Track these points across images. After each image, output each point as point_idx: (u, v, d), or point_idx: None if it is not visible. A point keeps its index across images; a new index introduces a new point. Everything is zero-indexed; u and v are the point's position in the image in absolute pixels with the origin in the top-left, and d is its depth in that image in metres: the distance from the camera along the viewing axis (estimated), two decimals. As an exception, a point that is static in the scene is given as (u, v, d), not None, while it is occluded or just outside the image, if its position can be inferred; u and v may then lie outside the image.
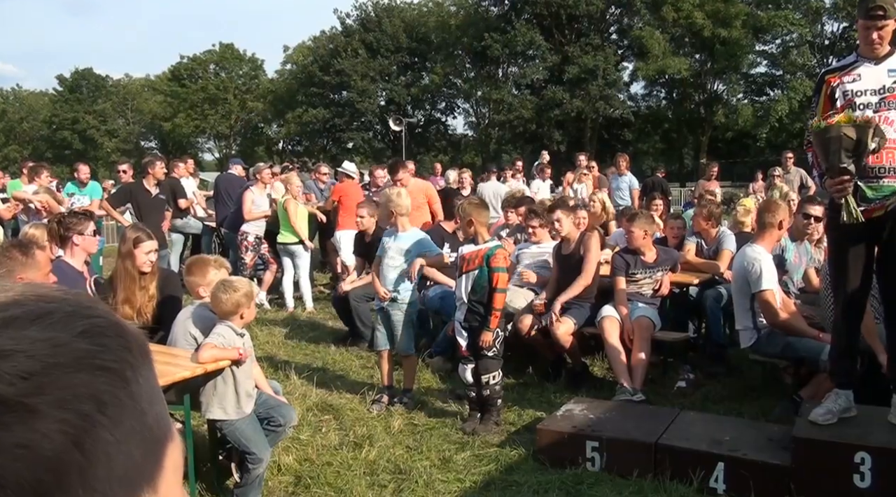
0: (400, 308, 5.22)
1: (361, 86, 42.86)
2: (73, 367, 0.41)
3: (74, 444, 0.39)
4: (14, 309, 0.41)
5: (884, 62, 3.57)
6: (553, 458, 4.11)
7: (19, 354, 0.39)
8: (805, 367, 4.82)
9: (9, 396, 0.38)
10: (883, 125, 3.50)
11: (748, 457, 3.75)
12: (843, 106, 3.63)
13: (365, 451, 4.34)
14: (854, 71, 3.64)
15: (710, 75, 38.88)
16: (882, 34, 3.55)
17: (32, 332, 0.41)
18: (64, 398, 0.39)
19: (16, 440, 0.37)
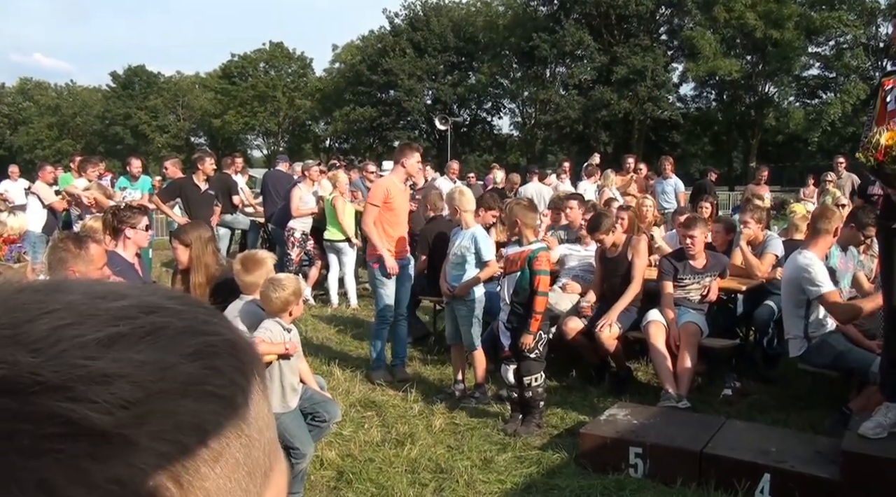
0: (465, 304, 5.35)
1: (408, 85, 43.10)
2: (179, 394, 0.37)
3: (172, 479, 0.36)
4: (122, 325, 0.38)
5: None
6: (595, 462, 4.09)
7: (122, 380, 0.36)
8: (852, 378, 4.71)
9: (106, 427, 0.34)
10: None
11: (795, 469, 3.68)
12: (894, 110, 3.56)
13: (407, 449, 4.37)
14: None
15: (762, 77, 38.18)
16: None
17: (139, 353, 0.37)
18: (165, 429, 0.36)
19: (110, 475, 0.34)
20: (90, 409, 0.34)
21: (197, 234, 4.53)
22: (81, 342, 0.37)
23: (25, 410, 0.34)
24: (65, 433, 0.34)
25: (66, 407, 0.34)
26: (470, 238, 5.41)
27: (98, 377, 0.36)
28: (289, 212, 9.15)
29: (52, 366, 0.35)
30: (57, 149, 54.41)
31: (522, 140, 45.86)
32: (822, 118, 34.76)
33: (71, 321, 0.37)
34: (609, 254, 5.88)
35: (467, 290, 5.38)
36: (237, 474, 0.39)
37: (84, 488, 0.33)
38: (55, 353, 0.36)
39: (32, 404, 0.34)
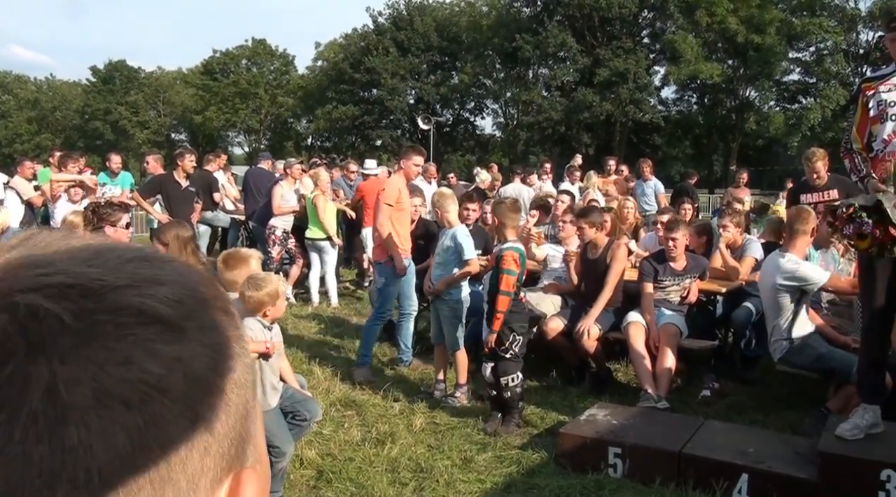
0: (447, 304, 5.35)
1: (391, 84, 43.01)
2: (206, 304, 0.46)
3: (212, 369, 0.44)
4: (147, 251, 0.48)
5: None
6: (575, 462, 4.10)
7: (171, 283, 0.45)
8: (831, 379, 4.76)
9: (168, 316, 0.43)
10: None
11: (773, 469, 3.71)
12: (875, 116, 3.60)
13: (387, 448, 4.36)
14: (890, 80, 3.62)
15: (743, 81, 38.46)
16: (891, 47, 3.60)
17: (170, 270, 0.47)
18: (206, 327, 0.45)
19: (174, 354, 0.42)
20: (155, 300, 0.43)
21: (175, 234, 4.49)
22: (124, 259, 0.45)
23: (102, 306, 0.41)
24: (137, 321, 0.42)
25: (135, 300, 0.42)
26: (451, 237, 5.42)
27: (152, 279, 0.44)
28: (270, 210, 9.11)
29: (112, 273, 0.43)
30: (36, 143, 53.76)
31: (505, 141, 45.91)
32: (802, 123, 35.05)
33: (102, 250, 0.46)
34: (590, 254, 5.91)
35: (446, 286, 5.38)
36: (248, 375, 0.48)
37: (157, 363, 0.41)
38: (110, 266, 0.44)
39: (107, 300, 0.42)
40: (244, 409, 0.47)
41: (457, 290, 5.41)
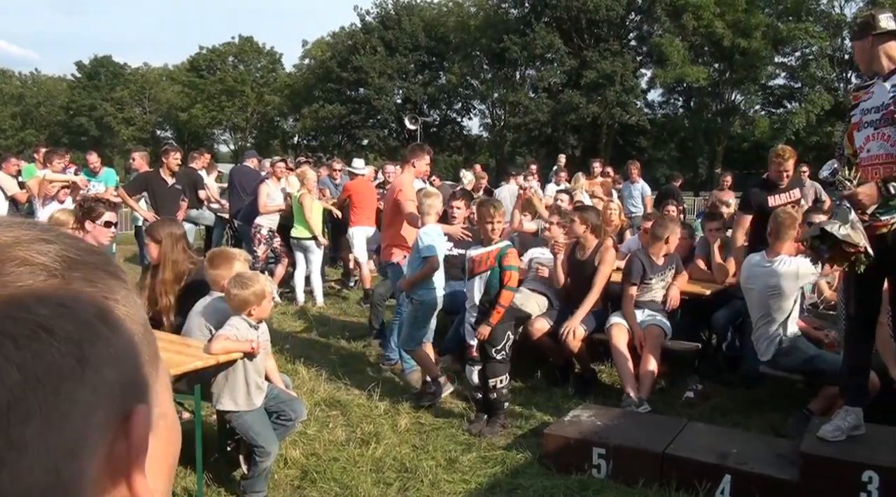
0: (411, 302, 5.35)
1: (378, 83, 42.99)
2: (96, 265, 0.51)
3: (99, 317, 0.48)
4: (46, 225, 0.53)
5: (890, 78, 3.57)
6: (559, 463, 4.11)
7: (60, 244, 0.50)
8: (819, 381, 4.78)
9: (53, 268, 0.48)
10: (879, 141, 3.53)
11: (755, 470, 3.74)
12: (855, 123, 3.66)
13: (371, 449, 4.35)
14: (871, 89, 3.67)
15: (729, 85, 38.75)
16: (855, 55, 3.74)
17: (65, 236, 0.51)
18: (91, 279, 0.50)
19: (59, 300, 0.47)
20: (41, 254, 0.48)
21: (168, 231, 4.48)
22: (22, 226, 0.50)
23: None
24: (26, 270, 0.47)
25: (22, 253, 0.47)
26: (420, 236, 5.42)
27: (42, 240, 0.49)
28: (255, 208, 9.07)
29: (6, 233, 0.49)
30: (20, 139, 53.31)
31: (492, 141, 45.98)
32: (787, 127, 35.34)
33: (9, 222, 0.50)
34: (578, 255, 5.92)
35: (410, 286, 5.38)
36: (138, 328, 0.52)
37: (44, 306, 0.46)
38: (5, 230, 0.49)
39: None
40: (134, 357, 0.51)
41: (424, 289, 5.33)
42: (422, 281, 5.32)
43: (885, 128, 3.51)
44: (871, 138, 3.57)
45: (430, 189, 5.84)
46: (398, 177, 6.79)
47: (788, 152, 5.96)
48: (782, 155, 5.92)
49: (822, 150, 31.17)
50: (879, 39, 3.58)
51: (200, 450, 3.66)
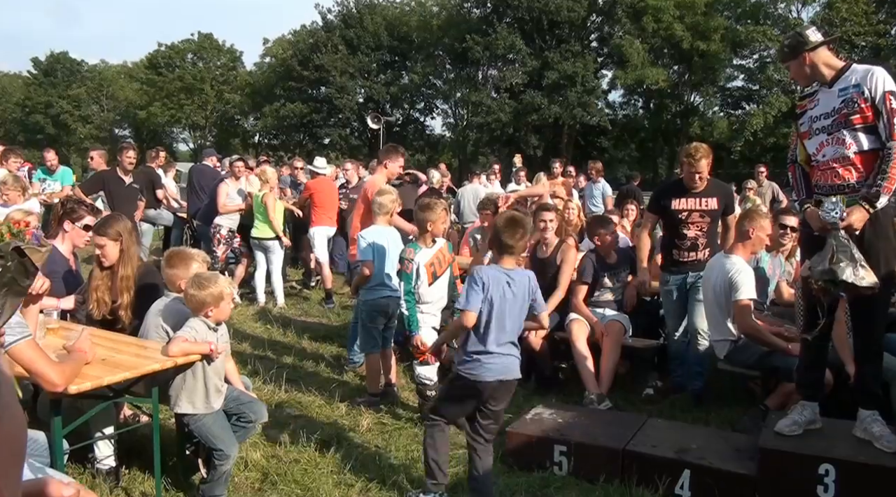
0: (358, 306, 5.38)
1: (340, 82, 42.78)
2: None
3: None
4: None
5: (836, 84, 3.67)
6: (521, 461, 4.12)
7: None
8: (777, 378, 4.86)
9: None
10: (834, 146, 3.62)
11: (714, 465, 3.78)
12: (805, 132, 3.76)
13: (333, 450, 4.32)
14: (816, 97, 3.78)
15: (688, 87, 39.35)
16: (793, 74, 3.82)
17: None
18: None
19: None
20: None
21: (123, 226, 4.40)
22: None
23: None
24: None
25: None
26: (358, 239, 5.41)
27: None
28: (215, 208, 8.95)
29: None
30: (-26, 137, 52.01)
31: (454, 141, 46.06)
32: (745, 128, 36.02)
33: None
34: (540, 254, 5.96)
35: (353, 289, 5.38)
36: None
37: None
38: None
39: None
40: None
41: (366, 291, 5.28)
42: (362, 284, 5.29)
43: (838, 132, 3.60)
44: (826, 144, 3.66)
45: (384, 187, 5.79)
46: (370, 177, 6.69)
47: (702, 152, 5.26)
48: (693, 155, 5.24)
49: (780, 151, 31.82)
50: (814, 53, 3.69)
51: (158, 454, 3.59)
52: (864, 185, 3.52)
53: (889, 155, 3.45)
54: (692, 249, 5.35)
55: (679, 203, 5.32)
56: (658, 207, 5.53)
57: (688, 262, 5.37)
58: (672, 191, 5.46)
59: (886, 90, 3.49)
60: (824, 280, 3.43)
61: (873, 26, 34.24)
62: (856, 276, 3.36)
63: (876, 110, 3.50)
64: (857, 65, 3.68)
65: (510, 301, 3.50)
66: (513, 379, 3.60)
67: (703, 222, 5.32)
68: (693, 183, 5.28)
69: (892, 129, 3.45)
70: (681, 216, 5.33)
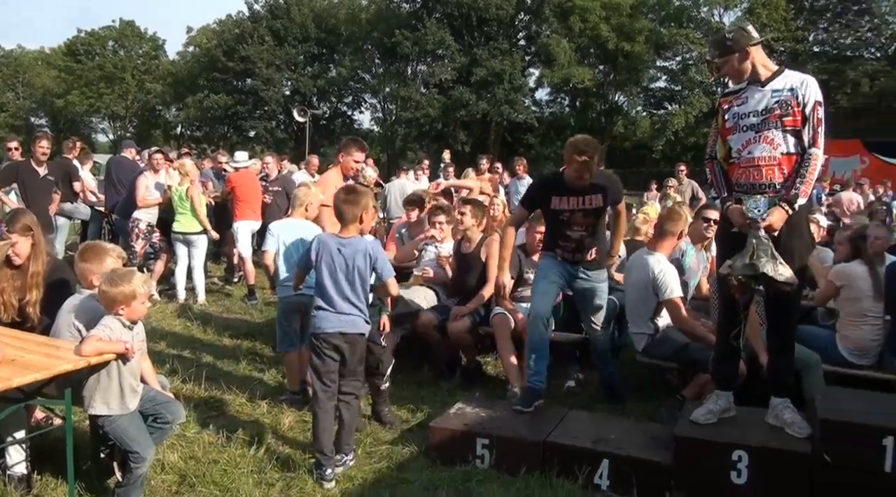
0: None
1: (266, 74, 42.02)
2: None
3: None
4: None
5: (769, 84, 3.78)
6: (444, 455, 4.14)
7: None
8: (693, 370, 5.02)
9: None
10: (762, 144, 3.73)
11: (632, 455, 3.88)
12: (730, 127, 3.85)
13: (253, 449, 4.24)
14: (743, 95, 3.86)
15: (613, 86, 40.16)
16: (724, 70, 3.87)
17: None
18: None
19: None
20: None
21: (31, 219, 4.24)
22: None
23: None
24: None
25: None
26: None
27: None
28: (133, 201, 8.68)
29: None
30: None
31: (383, 136, 45.85)
32: (667, 128, 37.00)
33: None
34: (463, 249, 5.99)
35: (273, 286, 5.33)
36: None
37: None
38: None
39: None
40: None
41: (280, 288, 5.19)
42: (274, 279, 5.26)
43: (768, 131, 3.72)
44: (752, 141, 3.76)
45: (306, 182, 5.71)
46: (325, 174, 6.45)
47: (592, 147, 4.63)
48: (584, 150, 4.60)
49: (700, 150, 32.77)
50: (755, 49, 3.79)
51: (72, 457, 3.45)
52: (785, 187, 3.68)
53: (809, 160, 3.64)
54: (577, 251, 4.88)
55: (560, 202, 4.77)
56: (535, 204, 5.01)
57: (572, 262, 4.94)
58: (552, 188, 4.84)
59: (816, 100, 3.67)
60: (744, 275, 3.55)
61: (792, 32, 35.61)
62: (775, 271, 3.50)
63: (804, 117, 3.66)
64: (790, 70, 3.82)
65: (340, 264, 4.01)
66: (354, 333, 4.05)
67: (588, 222, 4.81)
68: (578, 181, 4.68)
69: (816, 137, 3.65)
70: (563, 217, 4.79)
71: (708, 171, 4.03)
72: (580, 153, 4.57)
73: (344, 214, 4.11)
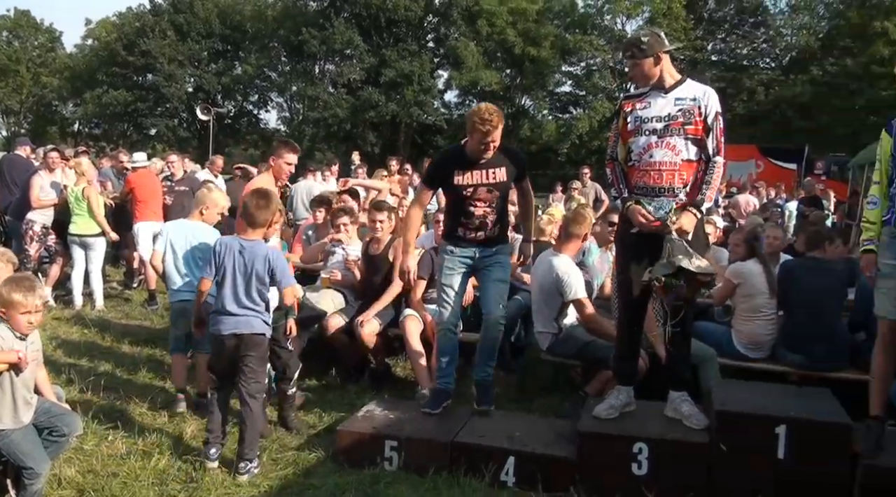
0: None
1: (169, 70, 40.72)
2: None
3: None
4: None
5: (672, 92, 3.94)
6: (352, 459, 4.13)
7: None
8: (596, 367, 5.18)
9: None
10: (664, 150, 3.88)
11: (537, 451, 3.98)
12: (632, 130, 3.98)
13: (154, 460, 4.11)
14: (646, 99, 4.00)
15: (519, 90, 40.83)
16: (634, 72, 3.98)
17: None
18: None
19: None
20: None
21: None
22: None
23: None
24: None
25: None
26: None
27: None
28: (27, 202, 8.27)
29: None
30: None
31: (290, 136, 45.09)
32: (572, 131, 37.89)
33: None
34: (371, 251, 5.99)
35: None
36: None
37: None
38: None
39: None
40: None
41: (170, 292, 5.16)
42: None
43: (670, 137, 3.87)
44: (654, 145, 3.90)
45: (210, 184, 5.58)
46: (255, 178, 6.18)
47: (496, 116, 4.31)
48: (489, 119, 4.27)
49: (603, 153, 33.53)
50: (666, 55, 3.94)
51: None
52: (685, 191, 3.86)
53: (714, 168, 3.86)
54: (480, 229, 4.54)
55: (463, 177, 4.46)
56: (436, 181, 4.69)
57: (475, 241, 4.58)
58: (454, 162, 4.53)
59: (717, 111, 3.87)
60: (665, 275, 3.68)
61: (691, 42, 37.03)
62: (693, 264, 3.65)
63: (707, 127, 3.85)
64: (691, 80, 3.99)
65: (239, 265, 4.05)
66: (249, 333, 4.07)
67: (492, 197, 4.50)
68: (483, 154, 4.40)
69: (720, 146, 3.87)
70: (465, 192, 4.47)
71: (608, 172, 4.15)
72: (483, 122, 4.26)
73: (255, 218, 4.13)
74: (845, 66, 31.69)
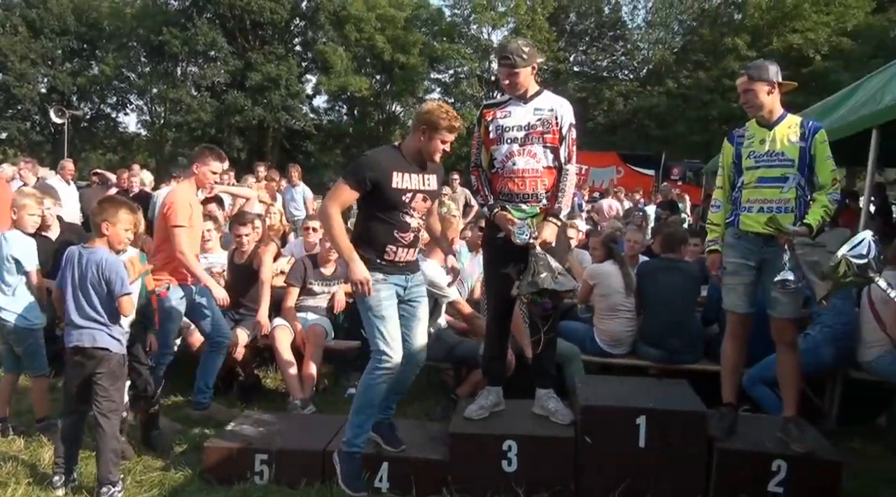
0: None
1: (20, 69, 37.84)
2: None
3: None
4: None
5: (531, 102, 4.08)
6: (220, 475, 4.00)
7: None
8: (466, 367, 5.26)
9: None
10: (525, 157, 4.01)
11: (410, 455, 4.00)
12: (494, 138, 4.08)
13: (10, 491, 3.81)
14: (506, 108, 4.13)
15: (390, 96, 40.93)
16: (512, 81, 4.04)
17: None
18: None
19: None
20: None
21: None
22: None
23: None
24: None
25: None
26: None
27: None
28: None
29: None
30: None
31: (151, 140, 43.18)
32: (442, 138, 38.33)
33: None
34: (237, 259, 5.84)
35: None
36: None
37: None
38: None
39: None
40: None
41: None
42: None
43: (531, 145, 4.00)
44: (516, 154, 4.02)
45: (24, 189, 5.24)
46: (173, 187, 5.69)
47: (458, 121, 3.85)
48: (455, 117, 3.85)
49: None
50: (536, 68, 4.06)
51: None
52: (544, 200, 4.01)
53: (566, 176, 4.04)
54: (412, 245, 3.92)
55: (402, 179, 3.80)
56: (366, 184, 3.78)
57: (404, 264, 3.91)
58: (392, 162, 3.84)
59: (571, 122, 4.05)
60: (531, 293, 3.80)
61: (554, 53, 38.31)
62: (556, 283, 3.79)
63: (561, 136, 4.01)
64: (548, 91, 4.14)
65: (78, 274, 3.91)
66: (92, 347, 3.87)
67: (425, 208, 3.95)
68: (434, 157, 3.91)
69: (571, 155, 4.04)
70: (404, 197, 3.80)
71: (473, 179, 4.24)
72: (455, 119, 3.81)
73: (97, 226, 3.96)
74: (698, 79, 33.66)
